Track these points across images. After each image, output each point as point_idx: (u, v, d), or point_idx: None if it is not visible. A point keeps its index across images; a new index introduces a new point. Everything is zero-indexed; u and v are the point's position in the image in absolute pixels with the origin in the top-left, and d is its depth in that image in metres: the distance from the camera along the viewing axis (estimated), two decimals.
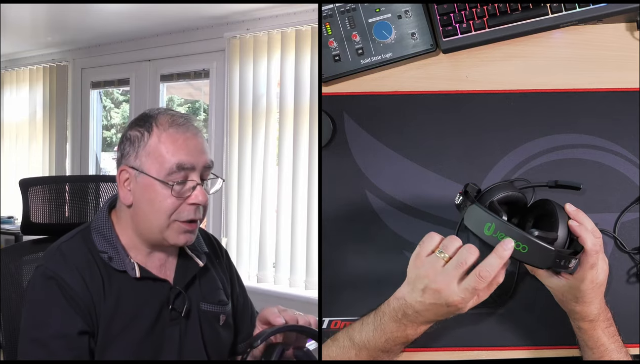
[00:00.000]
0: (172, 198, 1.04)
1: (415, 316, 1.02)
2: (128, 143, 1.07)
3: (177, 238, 1.07)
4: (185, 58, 3.58)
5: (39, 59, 4.36)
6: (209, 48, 3.43)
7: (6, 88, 4.64)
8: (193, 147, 1.06)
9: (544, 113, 1.26)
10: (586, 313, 1.08)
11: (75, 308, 1.02)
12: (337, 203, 1.27)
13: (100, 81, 4.15)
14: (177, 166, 1.04)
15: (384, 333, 1.05)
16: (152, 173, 1.04)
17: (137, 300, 1.07)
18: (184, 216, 1.06)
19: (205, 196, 1.07)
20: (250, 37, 3.18)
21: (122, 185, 1.07)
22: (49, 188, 1.32)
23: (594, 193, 1.23)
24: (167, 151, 1.04)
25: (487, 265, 0.96)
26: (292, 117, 3.01)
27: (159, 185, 1.04)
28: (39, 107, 4.41)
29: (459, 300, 0.97)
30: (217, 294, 1.19)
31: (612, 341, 1.10)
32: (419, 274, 1.00)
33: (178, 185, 1.04)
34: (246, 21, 3.21)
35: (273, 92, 3.14)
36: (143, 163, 1.05)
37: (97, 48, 4.02)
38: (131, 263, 1.08)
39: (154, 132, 1.05)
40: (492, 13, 1.26)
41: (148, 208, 1.06)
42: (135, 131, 1.07)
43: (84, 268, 1.05)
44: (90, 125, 4.21)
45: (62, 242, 1.10)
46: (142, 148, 1.05)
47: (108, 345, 1.04)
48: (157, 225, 1.06)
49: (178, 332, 1.11)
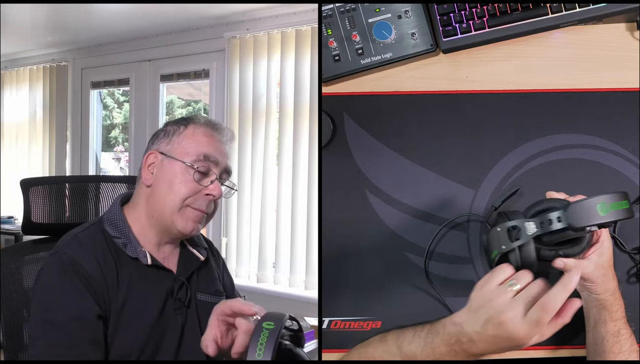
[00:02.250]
0: (191, 184, 1.11)
1: (469, 346, 0.96)
2: (163, 133, 1.17)
3: (185, 224, 1.12)
4: (185, 58, 3.58)
5: (39, 58, 4.36)
6: (209, 48, 3.43)
7: (6, 88, 4.63)
8: (220, 148, 1.16)
9: (543, 114, 1.26)
10: (597, 290, 1.09)
11: (92, 292, 1.05)
12: (337, 203, 1.27)
13: (100, 81, 4.14)
14: (204, 156, 1.12)
15: (432, 354, 0.99)
16: (181, 157, 1.12)
17: (145, 289, 1.11)
18: (197, 204, 1.12)
19: (221, 191, 1.14)
20: (250, 37, 3.18)
21: (146, 168, 1.15)
22: (50, 188, 1.32)
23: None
24: (199, 142, 1.14)
25: (552, 296, 0.91)
26: (292, 117, 3.01)
27: (183, 169, 1.11)
28: (39, 107, 4.40)
29: (522, 334, 0.92)
30: (214, 284, 1.24)
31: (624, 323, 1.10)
32: (484, 303, 0.95)
33: (200, 173, 1.12)
34: (246, 21, 3.21)
35: (273, 92, 3.13)
36: (174, 148, 1.14)
37: (97, 48, 4.02)
38: (143, 251, 1.12)
39: (190, 126, 1.16)
40: (492, 13, 1.26)
41: (166, 189, 1.12)
42: (174, 125, 1.17)
43: (99, 255, 1.09)
44: (90, 125, 4.20)
45: (78, 232, 1.13)
46: (177, 136, 1.15)
47: (118, 331, 1.07)
48: (170, 207, 1.11)
49: (180, 321, 1.15)
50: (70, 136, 4.28)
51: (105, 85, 4.18)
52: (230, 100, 3.26)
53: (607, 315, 1.09)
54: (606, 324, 1.09)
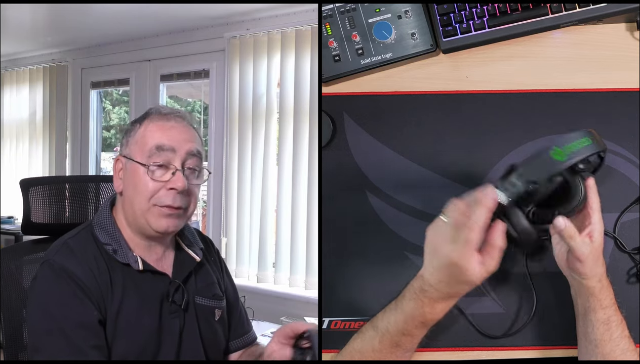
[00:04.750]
0: (151, 182, 1.09)
1: (432, 292, 1.01)
2: (125, 136, 1.15)
3: (158, 222, 1.10)
4: (185, 58, 3.58)
5: (39, 58, 4.36)
6: (209, 48, 3.43)
7: (6, 88, 4.63)
8: (176, 133, 1.11)
9: (544, 113, 1.26)
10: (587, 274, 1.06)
11: (89, 298, 1.04)
12: (337, 203, 1.27)
13: (100, 81, 4.14)
14: (156, 147, 1.09)
15: (403, 314, 1.04)
16: (137, 157, 1.10)
17: (140, 293, 1.10)
18: (162, 201, 1.09)
19: (184, 182, 1.09)
20: (250, 37, 3.18)
21: (117, 175, 1.14)
22: (49, 188, 1.32)
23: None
24: (151, 136, 1.11)
25: (475, 214, 0.96)
26: (292, 117, 3.01)
27: (141, 169, 1.09)
28: (39, 107, 4.40)
29: (458, 258, 0.95)
30: (212, 288, 1.22)
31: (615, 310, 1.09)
32: (427, 244, 1.01)
33: (155, 167, 1.09)
34: (246, 21, 3.21)
35: (273, 92, 3.13)
36: (132, 150, 1.11)
37: (97, 48, 4.02)
38: (134, 256, 1.11)
39: (144, 122, 1.13)
40: (492, 13, 1.26)
41: (132, 192, 1.10)
42: (131, 125, 1.15)
43: (92, 261, 1.07)
44: (90, 125, 4.20)
45: (68, 238, 1.12)
46: (132, 137, 1.13)
47: (115, 338, 1.06)
48: (139, 209, 1.10)
49: (178, 325, 1.13)
50: (70, 136, 4.28)
51: (105, 85, 4.18)
52: (230, 100, 3.26)
53: (597, 303, 1.08)
54: (596, 313, 1.08)
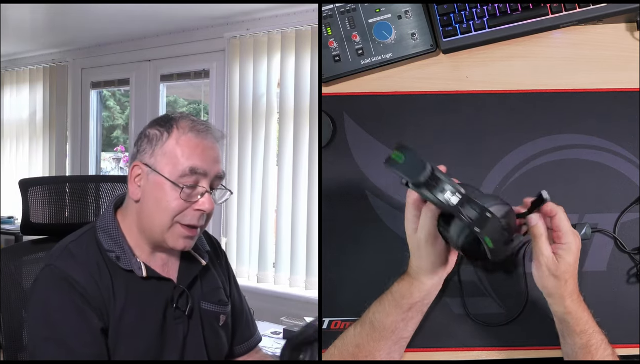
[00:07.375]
0: (179, 201, 1.05)
1: (415, 270, 1.09)
2: (146, 140, 1.08)
3: (176, 242, 1.08)
4: (185, 58, 3.58)
5: (39, 58, 4.36)
6: (209, 48, 3.43)
7: (6, 88, 4.63)
8: (208, 155, 1.07)
9: (544, 113, 1.26)
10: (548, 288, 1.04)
11: (90, 306, 1.02)
12: (337, 203, 1.27)
13: (100, 81, 4.14)
14: (190, 169, 1.05)
15: (394, 301, 1.09)
16: (165, 172, 1.05)
17: (143, 299, 1.08)
18: (187, 220, 1.06)
19: (212, 204, 1.08)
20: (250, 37, 3.18)
21: (133, 180, 1.08)
22: (49, 188, 1.32)
23: (594, 193, 1.23)
24: (183, 154, 1.05)
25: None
26: (292, 117, 3.01)
27: (169, 186, 1.05)
28: (39, 107, 4.40)
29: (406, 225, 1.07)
30: (218, 293, 1.20)
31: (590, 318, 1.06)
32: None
33: (188, 189, 1.05)
34: (246, 21, 3.21)
35: (273, 92, 3.13)
36: (158, 161, 1.06)
37: (97, 48, 4.02)
38: (137, 263, 1.09)
39: (173, 133, 1.06)
40: (492, 13, 1.26)
41: (154, 206, 1.06)
42: (155, 130, 1.08)
43: (93, 267, 1.05)
44: (90, 125, 4.20)
45: (70, 242, 1.09)
46: (159, 147, 1.06)
47: (118, 344, 1.04)
48: (159, 225, 1.06)
49: (182, 331, 1.12)
50: (70, 136, 4.28)
51: (105, 85, 4.19)
52: (230, 100, 3.26)
53: (570, 328, 1.04)
54: (572, 337, 1.05)
